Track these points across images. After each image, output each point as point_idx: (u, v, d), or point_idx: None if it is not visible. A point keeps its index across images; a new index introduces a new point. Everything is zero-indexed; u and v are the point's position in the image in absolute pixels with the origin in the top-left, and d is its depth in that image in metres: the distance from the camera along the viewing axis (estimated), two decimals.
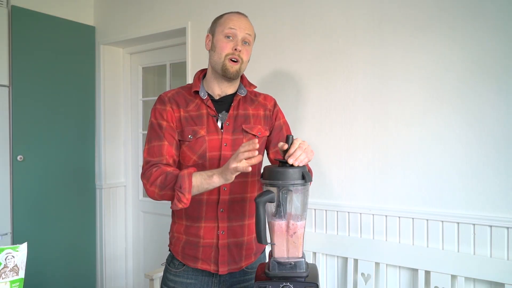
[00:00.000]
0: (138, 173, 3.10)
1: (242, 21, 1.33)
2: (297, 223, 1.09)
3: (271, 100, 1.45)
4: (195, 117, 1.32)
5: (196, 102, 1.34)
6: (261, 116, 1.39)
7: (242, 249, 1.35)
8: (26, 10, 2.60)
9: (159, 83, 3.17)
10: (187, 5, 2.52)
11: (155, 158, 1.28)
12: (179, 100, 1.34)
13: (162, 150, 1.28)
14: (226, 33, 1.30)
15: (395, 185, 1.80)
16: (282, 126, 1.45)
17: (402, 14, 1.79)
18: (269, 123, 1.41)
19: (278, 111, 1.45)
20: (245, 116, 1.36)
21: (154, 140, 1.30)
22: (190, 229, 1.33)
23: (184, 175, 1.17)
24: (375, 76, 1.85)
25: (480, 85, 1.62)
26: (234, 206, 1.32)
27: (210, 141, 1.30)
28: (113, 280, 3.07)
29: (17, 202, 2.54)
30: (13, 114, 2.53)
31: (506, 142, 1.57)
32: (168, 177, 1.20)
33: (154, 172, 1.24)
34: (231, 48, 1.30)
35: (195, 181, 1.16)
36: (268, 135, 1.41)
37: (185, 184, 1.15)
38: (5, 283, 1.01)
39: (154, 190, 1.23)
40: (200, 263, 1.32)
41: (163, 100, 1.34)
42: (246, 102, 1.39)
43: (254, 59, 2.22)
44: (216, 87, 1.36)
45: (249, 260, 1.37)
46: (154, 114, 1.34)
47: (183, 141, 1.31)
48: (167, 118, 1.31)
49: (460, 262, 1.62)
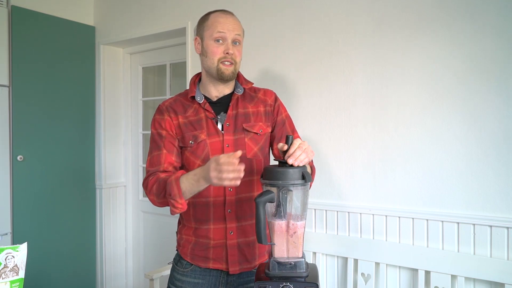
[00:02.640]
0: (138, 173, 3.11)
1: (230, 21, 1.32)
2: (297, 223, 1.09)
3: (271, 95, 1.43)
4: (194, 122, 1.32)
5: (194, 107, 1.35)
6: (262, 112, 1.37)
7: (254, 248, 1.34)
8: (26, 10, 2.60)
9: (159, 83, 3.17)
10: (187, 5, 2.52)
11: (153, 167, 1.30)
12: (177, 108, 1.35)
13: (161, 159, 1.30)
14: (215, 37, 1.29)
15: (395, 185, 1.80)
16: (285, 120, 1.42)
17: (401, 15, 1.79)
18: (270, 119, 1.39)
19: (279, 105, 1.42)
20: (245, 114, 1.35)
21: (154, 150, 1.33)
22: (199, 231, 1.34)
23: (172, 182, 1.18)
24: (375, 76, 1.85)
25: (479, 85, 1.62)
26: (241, 205, 1.32)
27: (211, 144, 1.30)
28: (113, 280, 3.07)
29: (17, 202, 2.54)
30: (13, 114, 2.53)
31: (506, 142, 1.57)
32: (160, 185, 1.23)
33: (150, 180, 1.27)
34: (223, 52, 1.29)
35: (184, 186, 1.17)
36: (270, 131, 1.39)
37: (174, 190, 1.16)
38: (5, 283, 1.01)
39: (153, 198, 1.26)
40: (211, 263, 1.32)
41: (161, 110, 1.36)
42: (245, 100, 1.38)
43: (254, 59, 2.22)
44: (212, 89, 1.36)
45: (262, 258, 1.37)
46: (153, 124, 1.36)
47: (185, 147, 1.32)
48: (166, 127, 1.33)
49: (460, 262, 1.62)
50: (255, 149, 1.34)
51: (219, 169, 1.06)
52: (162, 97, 3.01)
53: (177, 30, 2.59)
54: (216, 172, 1.07)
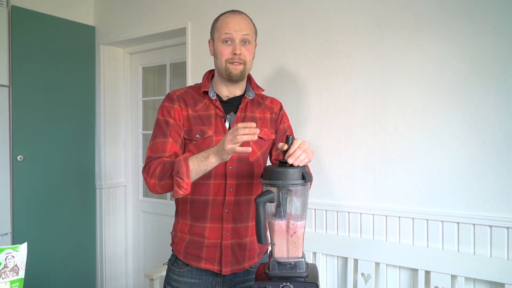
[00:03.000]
0: (138, 173, 3.10)
1: (238, 22, 1.32)
2: (297, 223, 1.09)
3: (277, 104, 1.47)
4: (203, 117, 1.32)
5: (204, 102, 1.35)
6: (268, 119, 1.40)
7: (245, 250, 1.35)
8: (26, 10, 2.60)
9: (159, 83, 3.17)
10: (187, 5, 2.52)
11: (157, 153, 1.28)
12: (188, 99, 1.35)
13: (166, 146, 1.28)
14: (223, 38, 1.30)
15: (395, 185, 1.80)
16: (286, 129, 1.46)
17: (401, 15, 1.79)
18: (274, 126, 1.42)
19: (283, 114, 1.46)
20: (252, 119, 1.37)
21: (158, 136, 1.30)
22: (194, 229, 1.33)
23: (180, 160, 1.16)
24: (374, 76, 1.85)
25: (479, 85, 1.62)
26: (239, 207, 1.33)
27: (217, 141, 1.30)
28: (113, 280, 3.07)
29: (17, 202, 2.54)
30: (13, 114, 2.53)
31: (506, 142, 1.57)
32: (166, 166, 1.20)
33: (153, 164, 1.24)
34: (230, 53, 1.30)
35: (192, 164, 1.16)
36: (273, 138, 1.42)
37: (182, 168, 1.15)
38: (5, 283, 1.01)
39: (154, 182, 1.23)
40: (203, 263, 1.32)
41: (172, 98, 1.35)
42: (253, 105, 1.40)
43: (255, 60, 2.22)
44: (224, 88, 1.37)
45: (252, 260, 1.38)
46: (161, 111, 1.34)
47: (191, 140, 1.31)
48: (174, 116, 1.31)
49: (460, 262, 1.62)
50: (258, 154, 1.35)
51: (235, 132, 1.06)
52: (162, 97, 3.00)
53: (177, 30, 2.59)
54: (231, 136, 1.07)
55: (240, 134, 1.06)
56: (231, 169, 1.31)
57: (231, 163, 1.31)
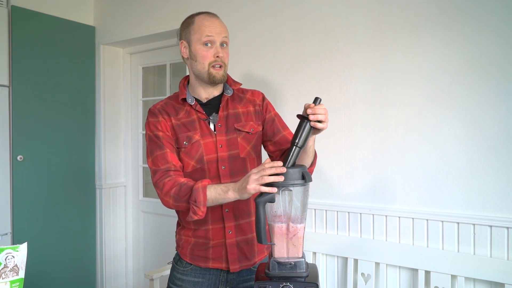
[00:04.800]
0: (138, 173, 3.11)
1: (217, 25, 1.32)
2: (297, 226, 1.09)
3: (259, 95, 1.45)
4: (187, 124, 1.33)
5: (185, 109, 1.36)
6: (252, 112, 1.40)
7: (253, 245, 1.36)
8: (26, 10, 2.59)
9: (159, 83, 3.17)
10: (187, 5, 2.52)
11: (162, 166, 1.28)
12: (169, 110, 1.36)
13: (167, 157, 1.29)
14: (204, 41, 1.30)
15: (395, 185, 1.80)
16: (274, 118, 1.44)
17: (401, 16, 1.79)
18: (260, 117, 1.41)
19: (267, 104, 1.45)
20: (236, 114, 1.37)
21: (155, 150, 1.31)
22: (198, 232, 1.34)
23: (199, 189, 1.17)
24: (374, 76, 1.85)
25: (479, 85, 1.62)
26: (238, 204, 1.33)
27: (205, 144, 1.31)
28: (113, 280, 3.06)
29: (17, 202, 2.54)
30: (13, 114, 2.53)
31: (505, 142, 1.57)
32: (183, 189, 1.21)
33: (167, 182, 1.24)
34: (213, 55, 1.30)
35: (210, 194, 1.17)
36: (261, 129, 1.41)
37: (200, 197, 1.16)
38: (5, 283, 1.01)
39: (169, 200, 1.24)
40: (211, 262, 1.33)
41: (154, 113, 1.36)
42: (234, 101, 1.40)
43: (254, 60, 2.22)
44: (202, 91, 1.37)
45: (262, 255, 1.39)
46: (148, 127, 1.35)
47: (179, 148, 1.32)
48: (162, 128, 1.33)
49: (460, 262, 1.62)
50: (247, 148, 1.36)
51: (262, 172, 1.06)
52: (162, 97, 3.00)
53: (177, 30, 2.59)
54: (256, 176, 1.07)
55: (266, 175, 1.05)
56: (224, 169, 1.32)
57: (222, 163, 1.31)
